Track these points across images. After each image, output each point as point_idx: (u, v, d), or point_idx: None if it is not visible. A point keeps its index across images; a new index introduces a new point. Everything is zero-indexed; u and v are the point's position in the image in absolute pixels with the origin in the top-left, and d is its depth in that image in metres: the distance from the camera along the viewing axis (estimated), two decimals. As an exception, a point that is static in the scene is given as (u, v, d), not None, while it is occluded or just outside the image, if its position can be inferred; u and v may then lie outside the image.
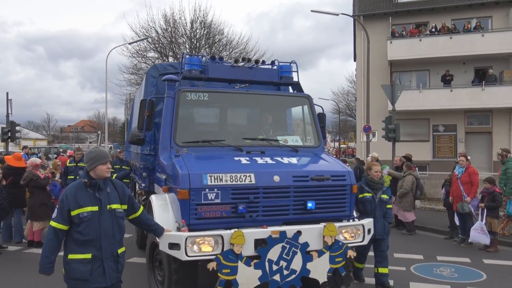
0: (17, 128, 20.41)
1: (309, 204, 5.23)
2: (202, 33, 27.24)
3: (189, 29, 27.44)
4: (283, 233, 4.86)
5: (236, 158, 5.38)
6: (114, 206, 4.14)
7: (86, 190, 4.06)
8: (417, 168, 12.18)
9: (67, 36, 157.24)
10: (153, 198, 5.51)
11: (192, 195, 4.72)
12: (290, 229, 4.94)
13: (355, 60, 29.89)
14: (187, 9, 35.82)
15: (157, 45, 27.72)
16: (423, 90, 24.74)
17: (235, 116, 6.73)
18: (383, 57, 25.21)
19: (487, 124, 24.68)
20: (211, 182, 4.80)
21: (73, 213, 3.94)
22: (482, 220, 9.14)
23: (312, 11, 23.26)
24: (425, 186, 12.38)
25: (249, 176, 4.99)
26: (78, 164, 10.93)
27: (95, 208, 4.01)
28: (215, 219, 4.86)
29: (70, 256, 3.97)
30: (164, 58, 26.90)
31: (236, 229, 4.71)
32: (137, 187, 8.99)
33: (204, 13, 28.22)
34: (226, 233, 4.66)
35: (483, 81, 23.52)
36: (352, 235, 5.42)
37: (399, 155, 12.84)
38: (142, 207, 4.57)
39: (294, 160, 5.60)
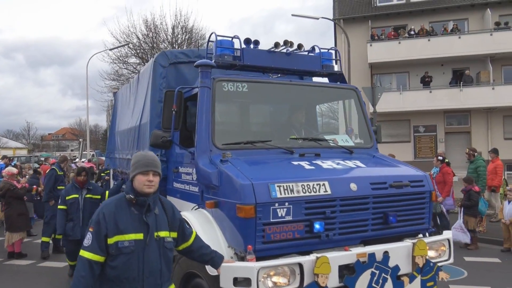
0: (-5, 137, 18.44)
1: (390, 217, 4.05)
2: (183, 38, 25.94)
3: (170, 34, 26.22)
4: (371, 256, 3.67)
5: (294, 163, 4.15)
6: (162, 233, 2.94)
7: (129, 209, 2.85)
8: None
9: (48, 43, 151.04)
10: (188, 216, 4.13)
11: (258, 212, 3.45)
12: (378, 250, 3.76)
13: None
14: (168, 15, 34.36)
15: (138, 51, 26.22)
16: (403, 91, 24.17)
17: (278, 112, 5.44)
18: (364, 60, 24.51)
19: (465, 124, 24.35)
20: (280, 194, 3.54)
21: (110, 240, 2.76)
22: (461, 219, 8.92)
23: (293, 15, 22.26)
24: (407, 186, 11.78)
25: (323, 184, 3.76)
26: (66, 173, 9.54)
27: (140, 236, 2.82)
28: (286, 241, 3.60)
29: None
30: (145, 63, 25.27)
31: (317, 254, 3.47)
32: None
33: (185, 18, 27.01)
34: (306, 260, 3.42)
35: (461, 82, 23.13)
36: (438, 252, 4.29)
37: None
38: (194, 232, 3.29)
39: (361, 164, 4.41)
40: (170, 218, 3.04)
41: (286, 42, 5.00)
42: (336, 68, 5.70)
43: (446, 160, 9.90)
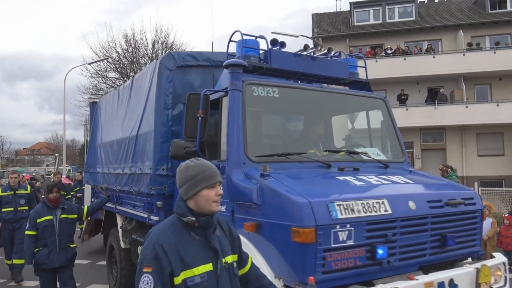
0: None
1: (448, 239, 3.53)
2: (163, 53, 25.16)
3: (150, 49, 25.72)
4: (441, 285, 3.18)
5: (340, 178, 3.58)
6: (229, 258, 2.31)
7: (190, 235, 2.18)
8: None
9: (25, 56, 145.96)
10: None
11: (319, 236, 2.84)
12: (445, 278, 3.24)
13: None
14: (149, 30, 33.40)
15: (117, 65, 25.47)
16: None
17: (307, 121, 4.86)
18: (342, 77, 24.43)
19: (441, 141, 24.53)
20: (341, 214, 2.96)
21: (177, 280, 2.08)
22: None
23: (272, 33, 21.99)
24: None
25: (383, 203, 3.21)
26: (16, 192, 7.95)
27: (209, 267, 2.18)
28: (346, 270, 3.01)
29: None
30: (125, 78, 24.53)
31: (385, 286, 2.89)
32: (119, 220, 6.70)
33: (166, 34, 26.50)
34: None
35: (436, 100, 23.35)
36: (495, 278, 3.79)
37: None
38: (250, 256, 2.62)
39: (407, 180, 3.91)
40: (229, 237, 2.39)
41: (316, 45, 4.49)
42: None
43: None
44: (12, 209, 7.77)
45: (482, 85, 24.05)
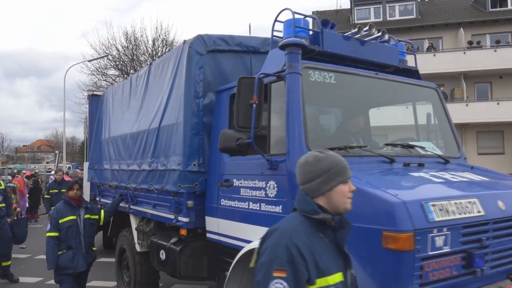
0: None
1: (536, 243, 3.09)
2: (164, 51, 24.82)
3: (150, 46, 25.31)
4: (544, 298, 2.68)
5: (414, 174, 3.13)
6: (353, 270, 1.95)
7: (320, 237, 1.80)
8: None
9: (25, 54, 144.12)
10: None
11: (417, 242, 2.38)
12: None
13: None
14: (149, 27, 32.69)
15: (117, 63, 25.17)
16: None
17: (361, 111, 4.40)
18: (343, 74, 24.06)
19: (441, 139, 24.20)
20: (437, 216, 2.51)
21: None
22: None
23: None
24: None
25: (474, 203, 2.75)
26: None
27: (341, 277, 1.80)
28: (443, 281, 2.55)
29: None
30: (125, 75, 24.10)
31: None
32: (133, 221, 6.12)
33: (166, 31, 26.34)
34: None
35: (436, 98, 23.03)
36: None
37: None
38: None
39: (482, 177, 3.48)
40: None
41: (371, 26, 4.03)
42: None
43: None
44: (3, 205, 7.15)
45: (483, 84, 23.81)
